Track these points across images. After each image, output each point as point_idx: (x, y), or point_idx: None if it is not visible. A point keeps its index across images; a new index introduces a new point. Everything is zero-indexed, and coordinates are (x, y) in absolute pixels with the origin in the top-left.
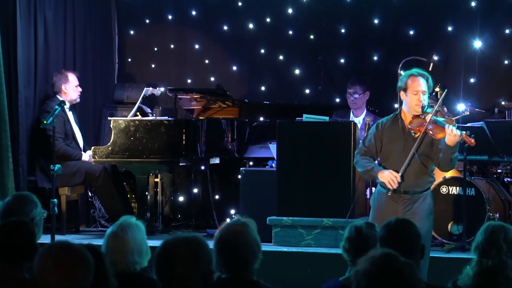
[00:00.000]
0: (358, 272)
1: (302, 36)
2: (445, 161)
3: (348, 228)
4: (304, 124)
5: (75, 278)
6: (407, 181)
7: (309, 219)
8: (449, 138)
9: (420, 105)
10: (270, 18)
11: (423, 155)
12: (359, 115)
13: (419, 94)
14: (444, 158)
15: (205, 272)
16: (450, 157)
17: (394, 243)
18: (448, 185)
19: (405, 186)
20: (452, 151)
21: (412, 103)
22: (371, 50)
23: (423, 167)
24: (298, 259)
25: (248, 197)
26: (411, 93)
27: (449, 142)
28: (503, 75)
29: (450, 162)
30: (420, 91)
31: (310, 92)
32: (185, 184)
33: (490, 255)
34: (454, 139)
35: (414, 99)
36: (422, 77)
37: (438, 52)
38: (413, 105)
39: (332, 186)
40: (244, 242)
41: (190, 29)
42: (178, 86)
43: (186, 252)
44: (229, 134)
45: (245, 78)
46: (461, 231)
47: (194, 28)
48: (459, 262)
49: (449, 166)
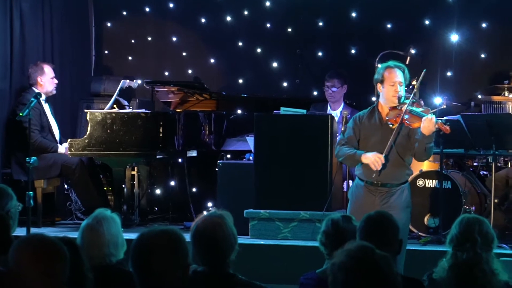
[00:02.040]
0: (334, 264)
1: (280, 30)
2: (420, 150)
3: (325, 221)
4: (282, 117)
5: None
6: (384, 173)
7: (286, 212)
8: (424, 126)
9: (397, 96)
10: (248, 11)
11: (400, 146)
12: (337, 108)
13: (396, 85)
14: (419, 147)
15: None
16: (425, 146)
17: (373, 236)
18: (424, 178)
19: (382, 178)
20: (427, 141)
21: (389, 94)
22: (349, 43)
23: (400, 159)
24: (275, 252)
25: (225, 190)
26: (388, 84)
27: (424, 130)
28: (479, 69)
29: (425, 151)
30: (397, 82)
31: (288, 85)
32: (162, 177)
33: (465, 248)
34: (430, 127)
35: (391, 91)
36: (399, 69)
37: (415, 45)
38: (390, 97)
39: (309, 179)
40: (221, 234)
41: (167, 21)
42: (156, 78)
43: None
44: (206, 127)
45: (223, 71)
46: (437, 224)
47: (171, 20)
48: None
49: (424, 156)
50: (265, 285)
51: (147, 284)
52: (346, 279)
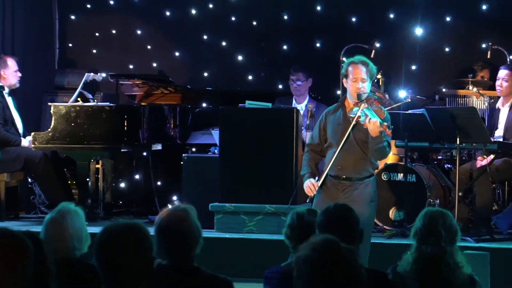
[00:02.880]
0: (299, 258)
1: (245, 23)
2: (371, 150)
3: (290, 214)
4: (247, 111)
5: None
6: (347, 168)
7: (251, 206)
8: (369, 128)
9: (358, 92)
10: (213, 4)
11: (363, 141)
12: (302, 102)
13: (357, 81)
14: (370, 147)
15: (147, 259)
16: (374, 147)
17: (333, 229)
18: (389, 171)
19: (345, 172)
20: (375, 142)
21: (352, 90)
22: (314, 37)
23: (363, 154)
24: (240, 246)
25: (190, 183)
26: (351, 80)
27: (370, 132)
28: (444, 63)
29: (375, 151)
30: (358, 79)
31: (253, 78)
32: (127, 170)
33: (429, 241)
34: (374, 130)
35: (353, 87)
36: (362, 64)
37: (380, 39)
38: (352, 92)
39: (274, 172)
40: (185, 228)
41: (132, 14)
42: (120, 72)
43: (127, 239)
44: (171, 121)
45: (188, 64)
46: (402, 217)
47: (136, 13)
48: (400, 248)
49: (378, 155)
50: (230, 278)
51: (112, 278)
52: (311, 272)
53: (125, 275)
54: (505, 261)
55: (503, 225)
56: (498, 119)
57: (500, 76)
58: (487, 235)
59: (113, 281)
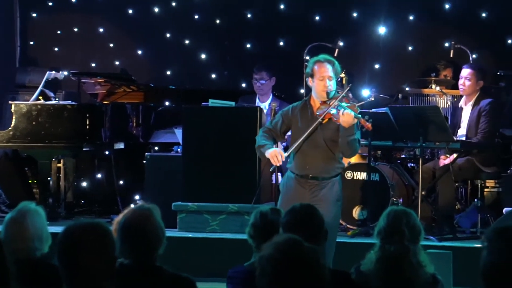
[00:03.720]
0: (262, 257)
1: (209, 21)
2: (343, 145)
3: (253, 213)
4: (210, 109)
5: None
6: (315, 167)
7: (214, 205)
8: (342, 119)
9: (327, 90)
10: (176, 2)
11: (330, 140)
12: (265, 101)
13: (325, 80)
14: (342, 141)
15: (109, 259)
16: (347, 139)
17: (298, 229)
18: (353, 170)
19: (312, 171)
20: (348, 133)
21: (319, 89)
22: (278, 35)
23: (331, 153)
24: (203, 245)
25: (153, 182)
26: (318, 79)
27: (343, 123)
28: (407, 61)
29: (347, 145)
30: (326, 77)
31: (216, 77)
32: (89, 169)
33: (393, 241)
34: (348, 120)
35: (320, 85)
36: (328, 63)
37: (344, 38)
38: (319, 91)
39: (238, 171)
40: (149, 227)
41: (94, 12)
42: (82, 70)
43: (90, 238)
44: (134, 119)
45: (151, 63)
46: (366, 216)
47: (98, 11)
48: (363, 247)
49: (349, 150)
50: (193, 278)
51: (73, 278)
52: (274, 272)
53: (87, 275)
54: (467, 259)
55: (465, 224)
56: (460, 118)
57: (463, 75)
58: (450, 234)
59: (74, 281)
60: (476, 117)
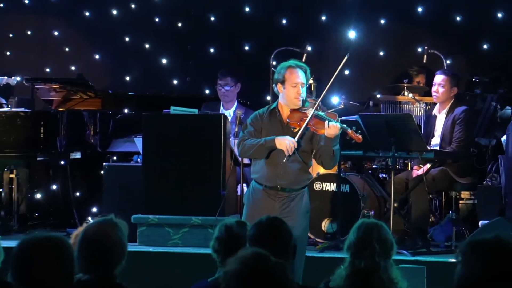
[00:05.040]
0: (227, 272)
1: (170, 24)
2: (327, 156)
3: (218, 226)
4: (172, 117)
5: None
6: (287, 178)
7: (176, 217)
8: (328, 132)
9: (299, 98)
10: (135, 4)
11: (303, 151)
12: (230, 108)
13: (298, 86)
14: (325, 152)
15: (66, 275)
16: (332, 149)
17: (265, 243)
18: (322, 181)
19: (283, 183)
20: (332, 144)
21: (291, 96)
22: (243, 39)
23: (303, 164)
24: (165, 260)
25: (111, 194)
26: (290, 85)
27: (328, 135)
28: (378, 67)
29: (332, 156)
30: (299, 84)
31: (178, 83)
32: (43, 180)
33: (363, 256)
34: (334, 132)
35: (293, 92)
36: (301, 69)
37: (312, 42)
38: (292, 98)
39: (201, 182)
40: (110, 242)
41: (49, 15)
42: (36, 75)
43: (45, 253)
44: (91, 127)
45: (109, 68)
46: (336, 229)
47: (53, 13)
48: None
49: (332, 161)
50: None
51: None
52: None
53: None
54: (442, 275)
55: (439, 237)
56: (434, 127)
57: (437, 82)
58: (424, 248)
59: None
60: (451, 125)
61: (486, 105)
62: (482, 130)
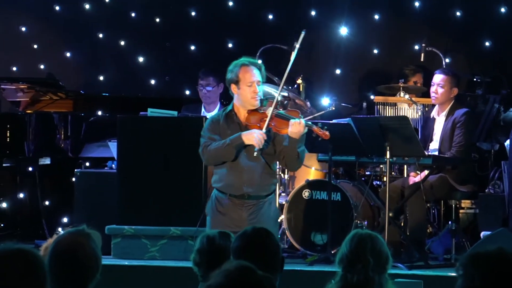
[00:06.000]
0: (210, 287)
1: (147, 19)
2: (292, 157)
3: (199, 238)
4: (149, 120)
5: None
6: (252, 185)
7: (154, 228)
8: (292, 131)
9: (257, 97)
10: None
11: (266, 153)
12: (212, 110)
13: (254, 85)
14: (290, 153)
15: None
16: (297, 151)
17: (251, 255)
18: (311, 189)
19: (250, 190)
20: (298, 145)
21: (248, 96)
22: (226, 36)
23: (267, 167)
24: (141, 274)
25: (83, 202)
26: (245, 85)
27: (292, 134)
28: (372, 66)
29: (297, 157)
30: (254, 82)
31: (156, 83)
32: (10, 188)
33: (356, 270)
34: (298, 130)
35: (249, 92)
36: (255, 66)
37: None
38: (248, 99)
39: (181, 190)
40: (82, 254)
41: (16, 8)
42: (2, 74)
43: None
44: (62, 131)
45: (81, 67)
46: (326, 241)
47: (20, 8)
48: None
49: (297, 162)
50: None
51: None
52: None
53: None
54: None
55: (438, 250)
56: (433, 130)
57: (435, 82)
58: (421, 261)
59: None
60: (450, 129)
61: (488, 107)
62: (484, 134)
